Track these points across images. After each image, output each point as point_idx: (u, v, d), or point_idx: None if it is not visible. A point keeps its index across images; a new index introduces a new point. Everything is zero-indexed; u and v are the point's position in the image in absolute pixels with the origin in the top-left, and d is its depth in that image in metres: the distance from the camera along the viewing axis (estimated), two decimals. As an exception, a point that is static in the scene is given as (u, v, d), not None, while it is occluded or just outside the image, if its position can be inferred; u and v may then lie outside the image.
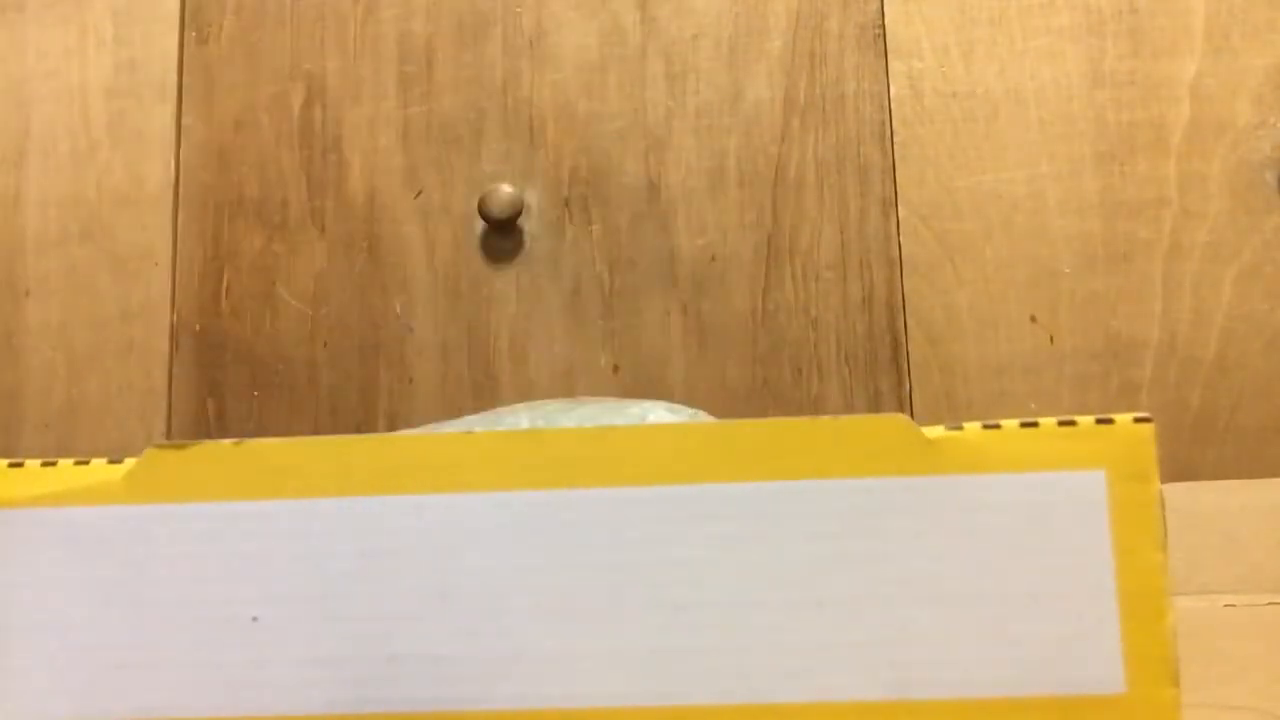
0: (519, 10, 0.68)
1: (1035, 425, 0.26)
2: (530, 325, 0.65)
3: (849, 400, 0.62)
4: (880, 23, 0.65)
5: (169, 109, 0.69)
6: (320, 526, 0.26)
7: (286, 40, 0.69)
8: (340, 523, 0.26)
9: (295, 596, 0.26)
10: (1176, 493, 0.54)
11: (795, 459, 0.26)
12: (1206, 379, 0.61)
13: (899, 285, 0.63)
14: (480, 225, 0.66)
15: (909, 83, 0.64)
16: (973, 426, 0.26)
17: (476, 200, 0.66)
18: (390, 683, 0.26)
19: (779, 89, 0.65)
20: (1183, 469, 0.60)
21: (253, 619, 0.26)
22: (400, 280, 0.66)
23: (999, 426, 0.26)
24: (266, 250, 0.67)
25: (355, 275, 0.67)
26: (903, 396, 0.62)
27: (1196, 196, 0.62)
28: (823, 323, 0.63)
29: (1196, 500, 0.53)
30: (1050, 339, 0.62)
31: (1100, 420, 0.25)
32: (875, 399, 0.62)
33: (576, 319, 0.65)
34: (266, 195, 0.68)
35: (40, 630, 0.27)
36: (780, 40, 0.66)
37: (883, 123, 0.64)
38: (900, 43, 0.65)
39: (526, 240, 0.66)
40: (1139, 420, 0.25)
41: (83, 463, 0.27)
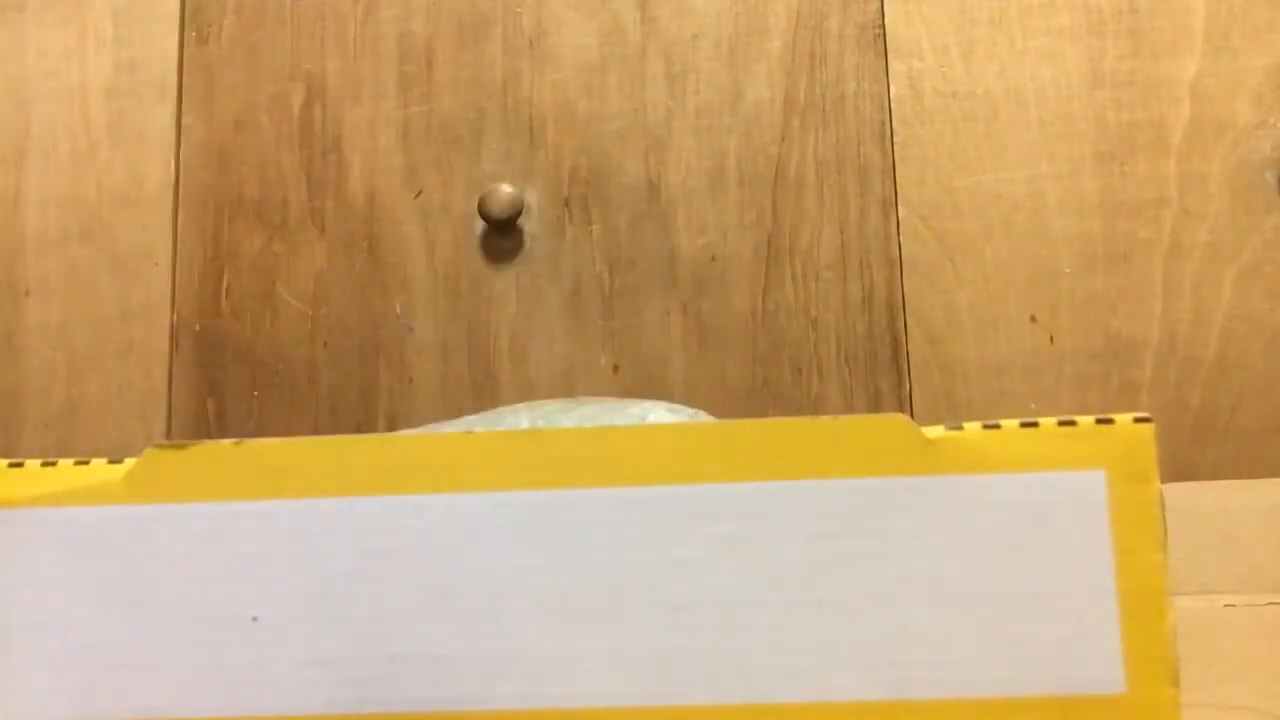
0: (519, 10, 0.68)
1: (1035, 425, 0.26)
2: (530, 325, 0.65)
3: (849, 400, 0.62)
4: (880, 23, 0.65)
5: (169, 109, 0.69)
6: (320, 526, 0.26)
7: (286, 40, 0.69)
8: (340, 523, 0.26)
9: (295, 596, 0.26)
10: (1176, 493, 0.54)
11: (795, 459, 0.26)
12: (1206, 379, 0.61)
13: (899, 285, 0.63)
14: (480, 225, 0.66)
15: (909, 83, 0.64)
16: (973, 426, 0.26)
17: (476, 200, 0.66)
18: (390, 683, 0.26)
19: (779, 89, 0.65)
20: (1183, 469, 0.60)
21: (253, 619, 0.26)
22: (400, 280, 0.66)
23: (999, 426, 0.26)
24: (266, 250, 0.67)
25: (355, 275, 0.67)
26: (903, 396, 0.62)
27: (1196, 196, 0.62)
28: (823, 323, 0.63)
29: (1196, 500, 0.53)
30: (1050, 339, 0.62)
31: (1100, 420, 0.25)
32: (875, 399, 0.62)
33: (576, 319, 0.65)
34: (266, 195, 0.68)
35: (40, 630, 0.27)
36: (780, 40, 0.66)
37: (883, 123, 0.64)
38: (900, 43, 0.65)
39: (526, 240, 0.66)
40: (1139, 420, 0.25)
41: (83, 463, 0.27)
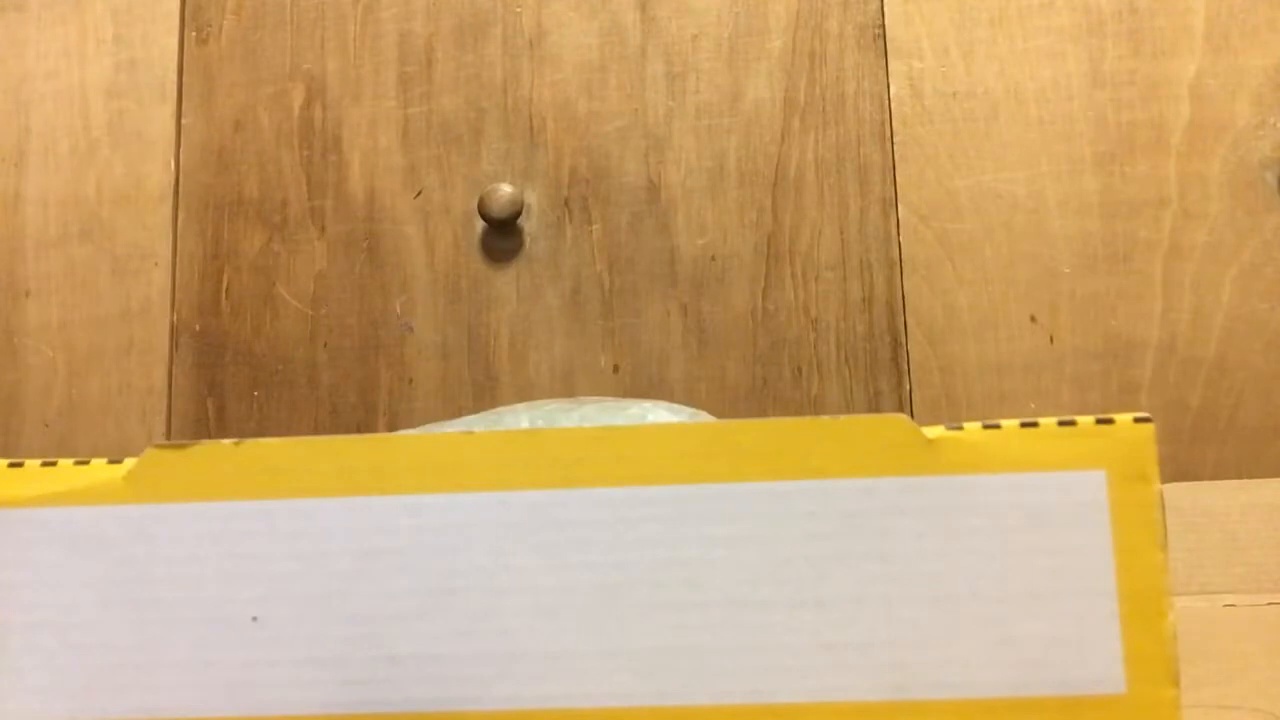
0: (519, 10, 0.68)
1: (1035, 425, 0.25)
2: (530, 325, 0.65)
3: (849, 400, 0.62)
4: (880, 23, 0.65)
5: (169, 109, 0.69)
6: (320, 526, 0.26)
7: (286, 40, 0.69)
8: (340, 523, 0.26)
9: (295, 596, 0.26)
10: (1176, 493, 0.54)
11: (795, 459, 0.26)
12: (1206, 379, 0.61)
13: (899, 285, 0.63)
14: (480, 225, 0.66)
15: (909, 83, 0.64)
16: (973, 426, 0.26)
17: (476, 200, 0.66)
18: (390, 683, 0.26)
19: (779, 89, 0.65)
20: (1183, 469, 0.60)
21: (253, 619, 0.26)
22: (400, 280, 0.66)
23: (999, 426, 0.26)
24: (266, 250, 0.67)
25: (355, 275, 0.67)
26: (903, 396, 0.62)
27: (1196, 196, 0.62)
28: (823, 323, 0.63)
29: (1196, 500, 0.53)
30: (1050, 339, 0.62)
31: (1100, 420, 0.25)
32: (875, 399, 0.62)
33: (576, 319, 0.65)
34: (266, 195, 0.68)
35: (40, 630, 0.27)
36: (780, 40, 0.66)
37: (883, 123, 0.64)
38: (900, 43, 0.65)
39: (526, 240, 0.66)
40: (1139, 420, 0.25)
41: (83, 463, 0.27)
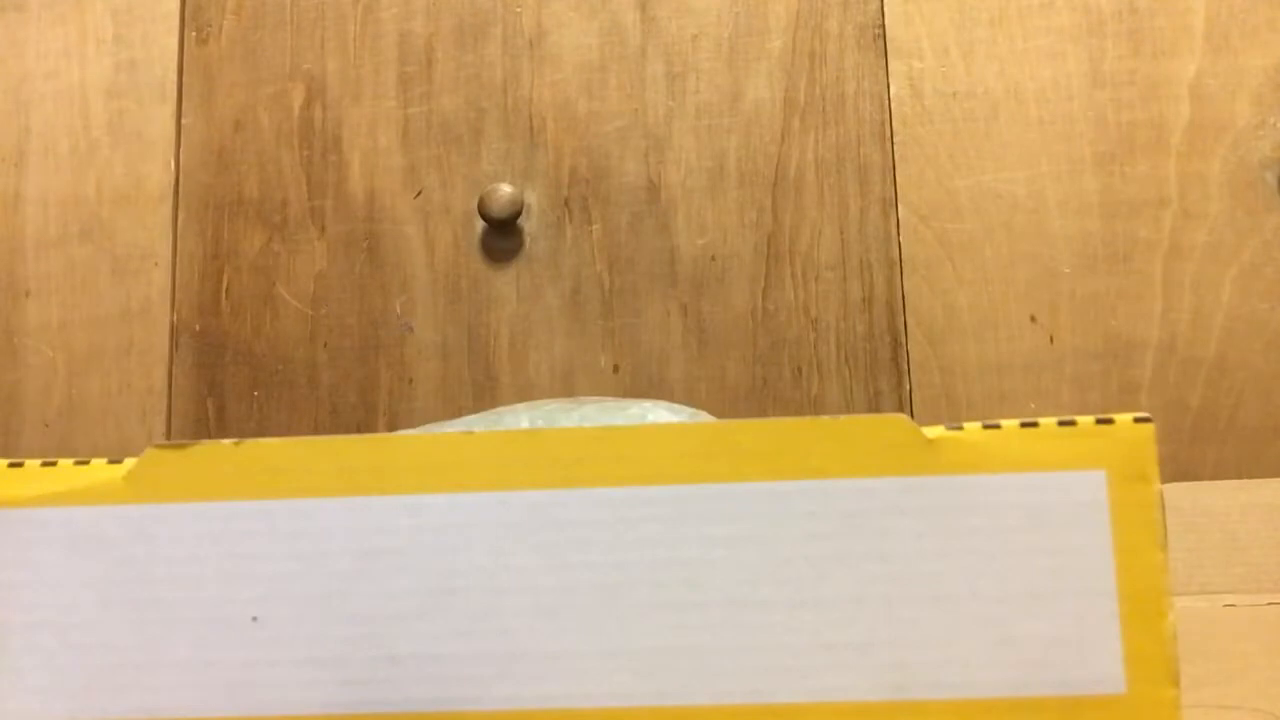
0: (519, 10, 0.68)
1: (1035, 425, 0.25)
2: (530, 325, 0.65)
3: (849, 400, 0.62)
4: (880, 23, 0.65)
5: (169, 109, 0.69)
6: (320, 526, 0.26)
7: (286, 40, 0.69)
8: (340, 523, 0.26)
9: (295, 596, 0.26)
10: (1176, 493, 0.54)
11: (795, 459, 0.26)
12: (1206, 379, 0.61)
13: (899, 285, 0.63)
14: (480, 225, 0.66)
15: (909, 83, 0.64)
16: (973, 426, 0.26)
17: (476, 200, 0.66)
18: (390, 683, 0.26)
19: (779, 89, 0.65)
20: (1183, 469, 0.60)
21: (253, 619, 0.26)
22: (400, 280, 0.66)
23: (999, 426, 0.26)
24: (266, 250, 0.67)
25: (355, 275, 0.67)
26: (903, 396, 0.62)
27: (1196, 196, 0.62)
28: (823, 323, 0.63)
29: (1196, 500, 0.53)
30: (1050, 339, 0.62)
31: (1100, 420, 0.25)
32: (875, 399, 0.62)
33: (576, 319, 0.65)
34: (266, 195, 0.68)
35: (40, 630, 0.27)
36: (780, 40, 0.66)
37: (883, 123, 0.64)
38: (900, 43, 0.65)
39: (526, 240, 0.66)
40: (1139, 420, 0.25)
41: (83, 463, 0.27)
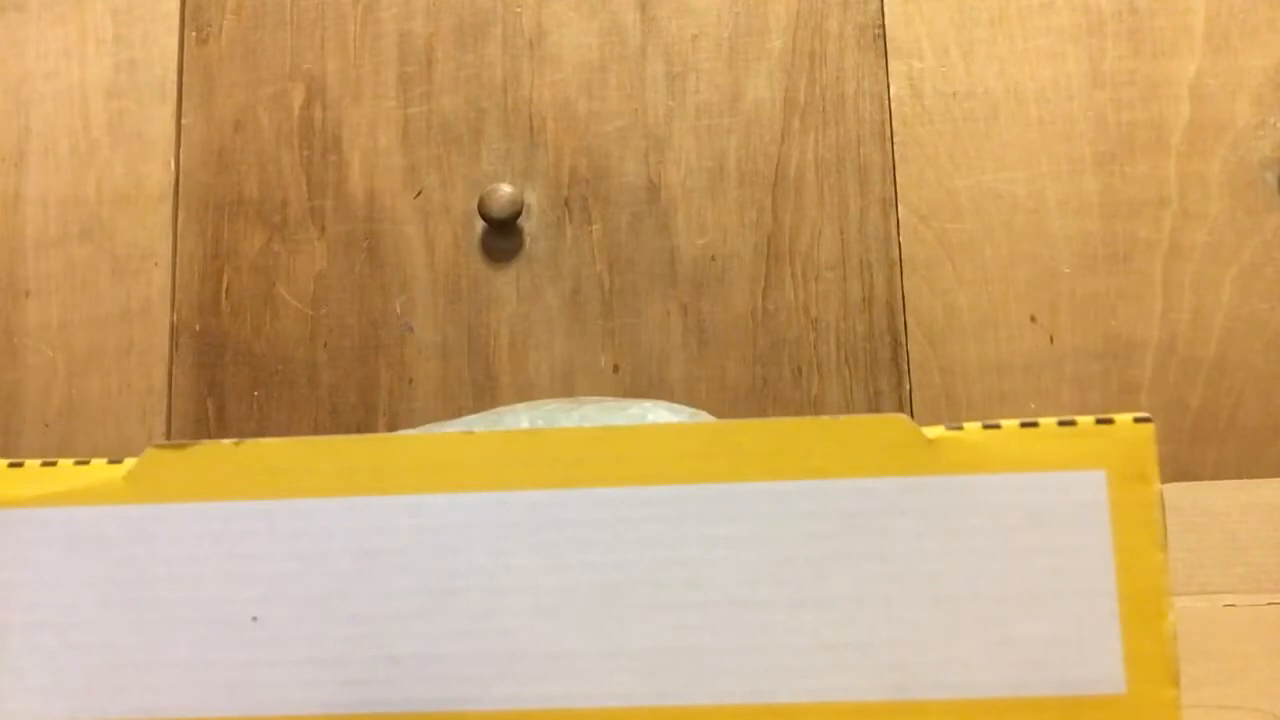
0: (519, 10, 0.68)
1: (1035, 425, 0.25)
2: (530, 325, 0.65)
3: (849, 400, 0.62)
4: (880, 23, 0.65)
5: (169, 109, 0.69)
6: (320, 526, 0.26)
7: (286, 40, 0.69)
8: (340, 523, 0.26)
9: (295, 596, 0.26)
10: (1176, 493, 0.54)
11: (795, 459, 0.26)
12: (1206, 379, 0.61)
13: (899, 285, 0.63)
14: (480, 225, 0.66)
15: (909, 83, 0.64)
16: (973, 426, 0.26)
17: (476, 200, 0.66)
18: (390, 683, 0.26)
19: (779, 89, 0.65)
20: (1183, 469, 0.60)
21: (253, 619, 0.26)
22: (400, 280, 0.66)
23: (999, 426, 0.26)
24: (266, 250, 0.67)
25: (355, 275, 0.67)
26: (903, 396, 0.62)
27: (1196, 196, 0.62)
28: (823, 323, 0.63)
29: (1196, 500, 0.53)
30: (1050, 339, 0.62)
31: (1100, 420, 0.25)
32: (875, 399, 0.62)
33: (576, 319, 0.65)
34: (266, 195, 0.68)
35: (40, 630, 0.27)
36: (780, 40, 0.66)
37: (883, 123, 0.64)
38: (900, 43, 0.65)
39: (526, 240, 0.66)
40: (1139, 420, 0.25)
41: (83, 463, 0.27)
